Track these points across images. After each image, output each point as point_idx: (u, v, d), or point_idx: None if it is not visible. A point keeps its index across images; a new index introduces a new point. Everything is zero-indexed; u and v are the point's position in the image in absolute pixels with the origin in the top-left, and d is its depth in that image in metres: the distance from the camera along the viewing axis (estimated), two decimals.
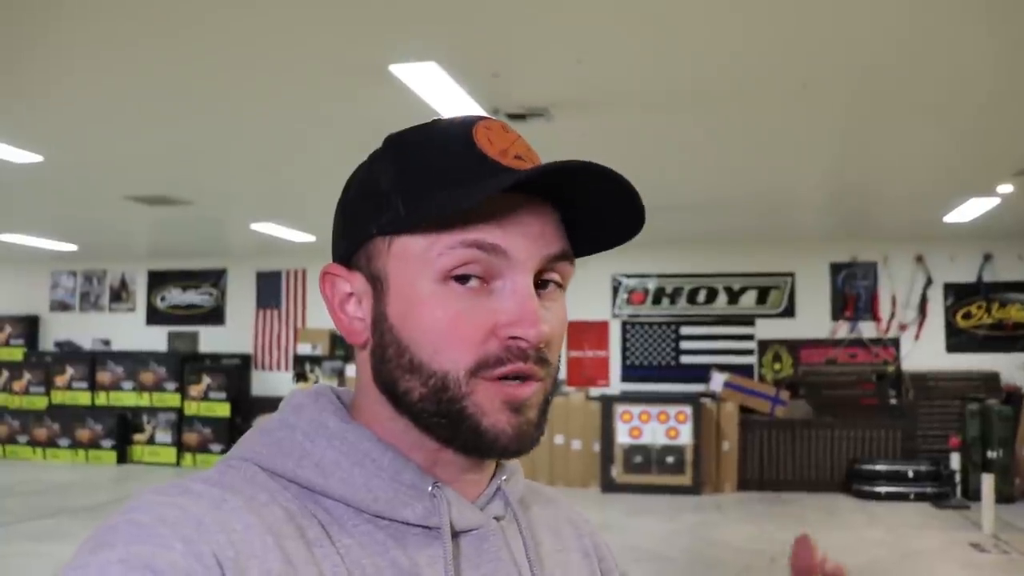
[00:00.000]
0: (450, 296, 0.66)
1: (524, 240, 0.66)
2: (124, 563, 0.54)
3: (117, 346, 12.30)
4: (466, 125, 0.68)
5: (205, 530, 0.58)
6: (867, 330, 10.31)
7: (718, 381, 9.76)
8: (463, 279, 0.66)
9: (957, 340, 10.17)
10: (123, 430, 11.33)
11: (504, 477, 0.76)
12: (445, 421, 0.66)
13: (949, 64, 4.41)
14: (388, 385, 0.69)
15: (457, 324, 0.65)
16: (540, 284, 0.69)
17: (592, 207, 0.70)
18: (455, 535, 0.68)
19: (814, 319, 10.41)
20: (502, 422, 0.66)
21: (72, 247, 11.16)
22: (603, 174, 0.66)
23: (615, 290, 10.88)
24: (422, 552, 0.67)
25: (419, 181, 0.67)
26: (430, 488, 0.68)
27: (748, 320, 10.58)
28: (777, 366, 10.45)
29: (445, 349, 0.65)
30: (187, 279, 12.29)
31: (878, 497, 8.79)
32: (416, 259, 0.66)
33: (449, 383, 0.65)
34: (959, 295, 10.17)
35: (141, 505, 0.59)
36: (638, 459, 9.16)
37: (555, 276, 0.70)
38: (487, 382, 0.66)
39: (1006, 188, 7.17)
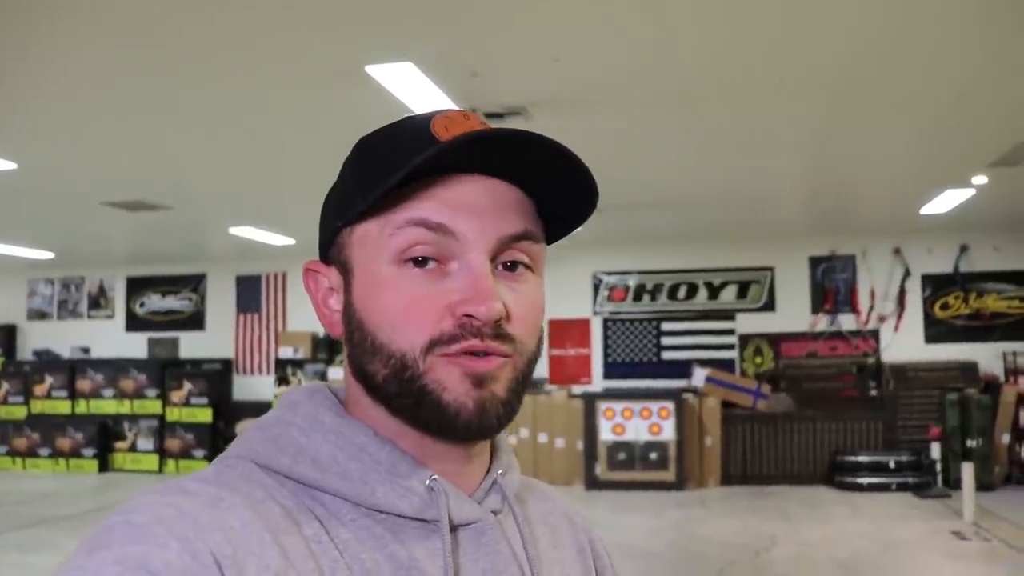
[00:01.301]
0: (406, 278, 0.67)
1: (474, 219, 0.67)
2: (120, 564, 0.54)
3: (96, 354, 12.20)
4: (426, 117, 0.69)
5: (201, 528, 0.58)
6: (847, 323, 10.39)
7: (700, 376, 9.80)
8: (421, 263, 0.67)
9: (935, 331, 10.26)
10: (104, 438, 11.22)
11: (501, 471, 0.76)
12: (409, 401, 0.67)
13: (923, 58, 4.45)
14: (360, 371, 0.70)
15: (412, 305, 0.66)
16: (509, 266, 0.69)
17: (548, 185, 0.70)
18: (453, 528, 0.69)
19: (794, 313, 10.48)
20: (463, 396, 0.66)
21: (49, 254, 11.06)
22: (534, 141, 0.65)
23: (596, 287, 10.90)
24: (420, 545, 0.67)
25: (376, 172, 0.68)
26: (427, 481, 0.68)
27: (729, 315, 10.64)
28: (758, 360, 10.51)
29: (402, 329, 0.66)
30: (166, 284, 12.22)
31: (860, 488, 8.85)
32: (373, 243, 0.68)
33: (407, 362, 0.66)
34: (937, 286, 10.27)
35: (137, 505, 0.59)
36: (621, 456, 9.18)
37: (522, 257, 0.70)
38: (445, 358, 0.66)
39: (981, 179, 7.24)
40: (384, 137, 0.71)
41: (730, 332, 10.63)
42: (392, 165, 0.65)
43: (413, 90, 4.62)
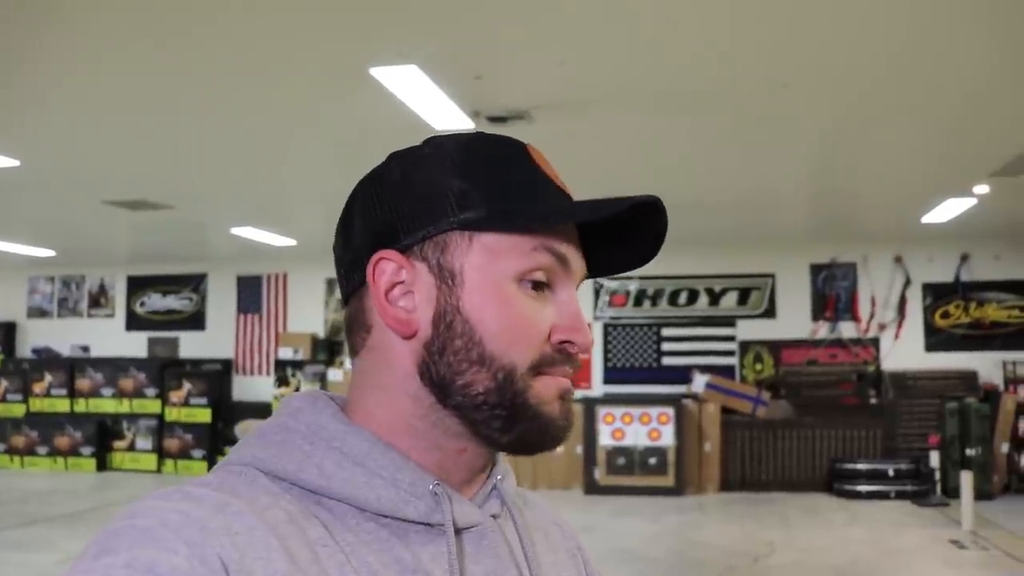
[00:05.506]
0: (525, 297, 0.70)
1: (578, 258, 0.74)
2: (128, 567, 0.54)
3: (96, 352, 12.20)
4: (518, 144, 0.75)
5: (209, 533, 0.58)
6: (847, 330, 10.37)
7: (700, 382, 9.80)
8: (534, 284, 0.71)
9: (936, 339, 10.25)
10: (103, 437, 11.22)
11: (499, 476, 0.77)
12: (505, 413, 0.69)
13: (927, 65, 4.45)
14: (443, 378, 0.69)
15: (528, 323, 0.70)
16: None
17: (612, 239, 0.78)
18: (456, 532, 0.70)
19: (795, 320, 10.47)
20: (556, 411, 0.71)
21: (50, 252, 11.06)
22: (662, 219, 0.75)
23: (597, 292, 10.90)
24: (425, 549, 0.68)
25: (501, 188, 0.71)
26: (431, 487, 0.69)
27: (729, 321, 10.63)
28: (758, 367, 10.50)
29: (516, 344, 0.69)
30: (167, 284, 12.21)
31: (859, 496, 8.85)
32: (500, 257, 0.70)
33: (515, 377, 0.69)
34: (937, 295, 10.26)
35: (143, 510, 0.59)
36: (621, 461, 9.17)
37: None
38: (543, 376, 0.71)
39: (982, 189, 7.24)
40: (482, 150, 0.73)
41: (730, 339, 10.62)
42: (520, 188, 0.71)
43: (416, 93, 4.63)
